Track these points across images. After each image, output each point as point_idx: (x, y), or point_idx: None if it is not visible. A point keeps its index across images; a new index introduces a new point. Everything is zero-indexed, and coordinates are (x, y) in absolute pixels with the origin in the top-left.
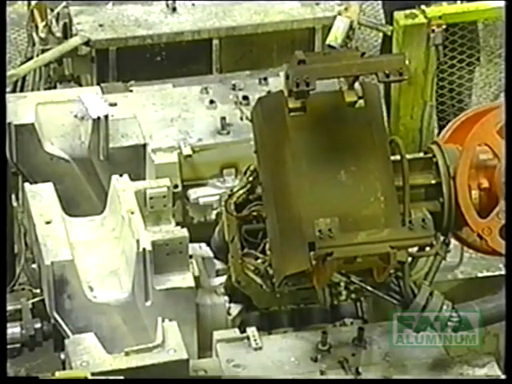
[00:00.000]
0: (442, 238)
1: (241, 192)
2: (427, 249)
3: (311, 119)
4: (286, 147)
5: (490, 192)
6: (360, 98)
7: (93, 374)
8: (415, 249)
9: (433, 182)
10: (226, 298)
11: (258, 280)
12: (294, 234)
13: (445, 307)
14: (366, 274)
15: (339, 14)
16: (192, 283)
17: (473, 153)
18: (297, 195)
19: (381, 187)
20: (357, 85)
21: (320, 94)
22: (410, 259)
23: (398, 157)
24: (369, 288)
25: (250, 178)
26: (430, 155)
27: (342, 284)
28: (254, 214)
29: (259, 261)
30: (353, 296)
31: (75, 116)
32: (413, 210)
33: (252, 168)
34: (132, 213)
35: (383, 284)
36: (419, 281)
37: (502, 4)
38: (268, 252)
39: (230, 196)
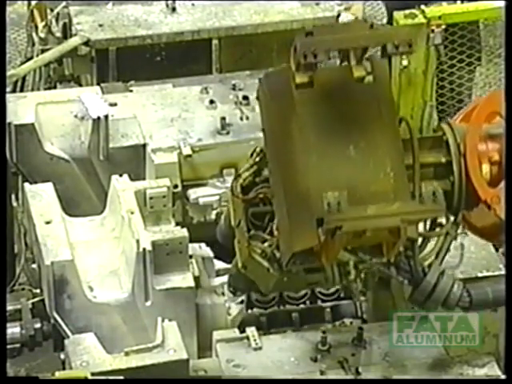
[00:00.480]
0: (452, 218)
1: (247, 174)
2: (437, 229)
3: (319, 94)
4: (293, 122)
5: (500, 165)
6: (369, 73)
7: (93, 374)
8: (425, 226)
9: (443, 160)
10: (226, 297)
11: (265, 263)
12: (302, 210)
13: (456, 286)
14: (376, 251)
15: (339, 14)
16: (192, 283)
17: (483, 119)
18: (304, 170)
19: (390, 162)
20: (365, 61)
21: (327, 69)
22: (420, 240)
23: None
24: (378, 266)
25: (257, 159)
26: (439, 133)
27: (351, 263)
28: (261, 196)
29: (266, 244)
30: (362, 276)
31: (75, 116)
32: (423, 184)
33: (258, 150)
34: (132, 213)
35: (393, 264)
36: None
37: (502, 4)
38: (275, 233)
39: (236, 178)
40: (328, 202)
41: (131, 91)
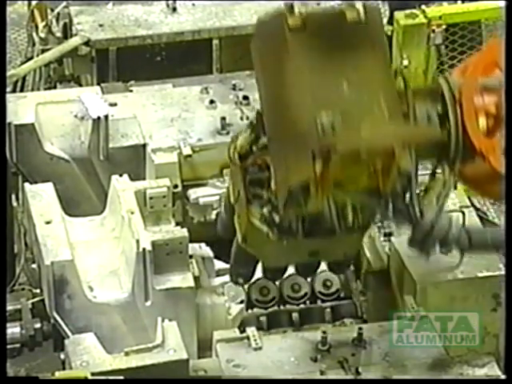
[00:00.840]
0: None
1: (244, 142)
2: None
3: (312, 35)
4: (287, 62)
5: (497, 118)
6: (361, 16)
7: (93, 374)
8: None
9: (438, 109)
10: (226, 297)
11: (264, 228)
12: (297, 143)
13: (455, 226)
14: (372, 193)
15: None
16: (192, 283)
17: (481, 71)
18: (298, 105)
19: (384, 96)
20: (359, 6)
21: (320, 12)
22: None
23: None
24: (375, 206)
25: (254, 122)
26: (435, 86)
27: (349, 207)
28: (259, 162)
29: (265, 210)
30: (359, 219)
31: (75, 116)
32: (417, 107)
33: (255, 112)
34: (132, 213)
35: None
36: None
37: (502, 4)
38: (273, 187)
39: (232, 142)
40: (321, 123)
41: (131, 91)
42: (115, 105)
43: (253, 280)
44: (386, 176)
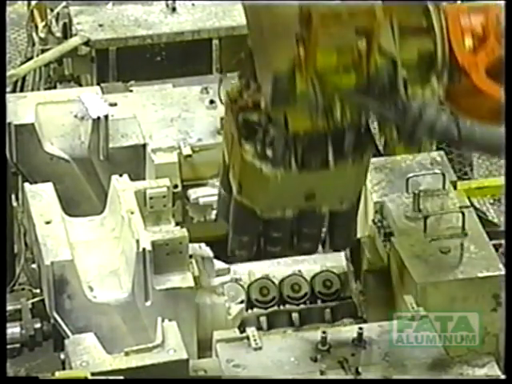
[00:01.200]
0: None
1: (235, 87)
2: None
3: None
4: None
5: (483, 37)
6: None
7: (93, 374)
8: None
9: (423, 24)
10: (226, 297)
11: (257, 163)
12: (279, 27)
13: (444, 114)
14: (359, 90)
15: None
16: (192, 283)
17: None
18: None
19: None
20: None
21: None
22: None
23: None
24: (364, 101)
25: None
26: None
27: (337, 102)
28: (250, 104)
29: (258, 147)
30: (347, 117)
31: (75, 116)
32: None
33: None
34: (132, 213)
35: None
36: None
37: (502, 4)
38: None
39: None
40: None
41: (131, 91)
42: (115, 105)
43: (253, 280)
44: (369, 57)
